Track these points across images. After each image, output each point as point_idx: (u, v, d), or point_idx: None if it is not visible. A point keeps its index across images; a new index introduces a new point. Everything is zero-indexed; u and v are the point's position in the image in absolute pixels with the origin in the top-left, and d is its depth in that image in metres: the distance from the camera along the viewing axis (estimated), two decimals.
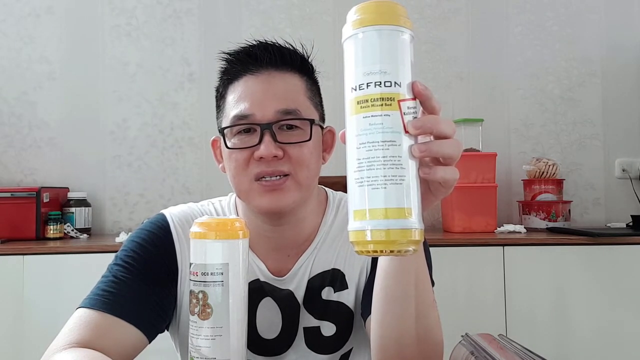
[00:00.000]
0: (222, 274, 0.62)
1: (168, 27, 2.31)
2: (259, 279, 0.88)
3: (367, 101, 0.52)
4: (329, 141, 0.91)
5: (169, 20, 2.31)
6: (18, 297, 1.73)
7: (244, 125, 0.81)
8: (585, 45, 2.33)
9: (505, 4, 2.34)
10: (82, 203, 2.13)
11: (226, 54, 0.86)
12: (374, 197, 0.51)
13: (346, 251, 0.90)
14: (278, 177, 0.80)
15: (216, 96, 0.89)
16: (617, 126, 2.32)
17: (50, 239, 1.96)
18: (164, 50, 2.30)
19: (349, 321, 0.90)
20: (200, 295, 0.62)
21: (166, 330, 0.90)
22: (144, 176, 2.27)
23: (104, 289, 0.79)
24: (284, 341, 0.89)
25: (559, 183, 2.13)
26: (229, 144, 0.82)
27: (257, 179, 0.80)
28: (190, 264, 0.64)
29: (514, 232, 1.94)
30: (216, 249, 0.63)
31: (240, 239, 0.64)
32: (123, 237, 1.87)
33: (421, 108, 0.55)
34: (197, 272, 0.62)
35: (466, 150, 2.03)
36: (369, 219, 0.51)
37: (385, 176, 0.51)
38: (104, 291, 0.79)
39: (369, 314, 0.77)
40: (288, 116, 0.81)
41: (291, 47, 0.86)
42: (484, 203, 1.98)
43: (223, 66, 0.87)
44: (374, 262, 0.83)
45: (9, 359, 1.72)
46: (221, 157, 0.88)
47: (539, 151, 2.31)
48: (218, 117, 0.88)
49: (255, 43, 0.85)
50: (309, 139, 0.81)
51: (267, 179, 0.80)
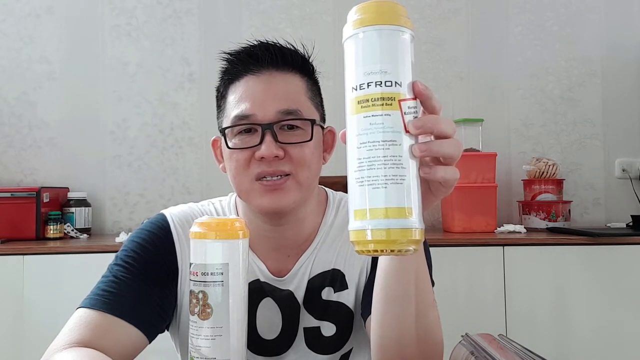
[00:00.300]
0: (222, 274, 0.62)
1: (168, 27, 2.31)
2: (259, 279, 0.88)
3: (367, 101, 0.52)
4: (330, 141, 0.91)
5: (169, 20, 2.31)
6: (18, 297, 1.73)
7: (245, 125, 0.81)
8: (585, 45, 2.33)
9: (505, 4, 2.34)
10: (82, 203, 2.13)
11: (227, 53, 0.86)
12: (374, 196, 0.51)
13: (346, 251, 0.90)
14: (279, 177, 0.80)
15: (217, 96, 0.89)
16: (617, 126, 2.31)
17: (50, 239, 1.96)
18: (164, 50, 2.30)
19: (349, 321, 0.89)
20: (200, 295, 0.62)
21: (166, 331, 0.90)
22: (144, 176, 2.27)
23: (104, 289, 0.79)
24: (284, 341, 0.89)
25: (559, 183, 2.13)
26: (230, 144, 0.82)
27: (257, 179, 0.80)
28: (190, 264, 0.64)
29: (514, 232, 1.94)
30: (216, 249, 0.63)
31: (240, 239, 0.64)
32: (123, 237, 1.87)
33: (421, 108, 0.55)
34: (197, 272, 0.62)
35: (466, 150, 2.03)
36: (369, 218, 0.51)
37: (385, 176, 0.51)
38: (104, 291, 0.79)
39: (369, 314, 0.77)
40: (289, 116, 0.81)
41: (292, 48, 0.86)
42: (484, 203, 1.98)
43: (224, 66, 0.87)
44: (374, 262, 0.83)
45: (9, 359, 1.72)
46: (221, 157, 0.88)
47: (539, 151, 2.31)
48: (219, 117, 0.87)
49: (256, 43, 0.85)
50: (310, 139, 0.81)
51: (268, 179, 0.80)
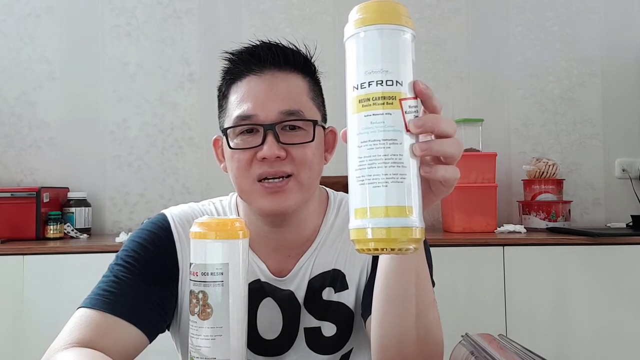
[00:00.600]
0: (222, 274, 0.62)
1: (168, 27, 2.31)
2: (259, 279, 0.88)
3: (368, 100, 0.52)
4: (331, 141, 0.91)
5: (169, 20, 2.31)
6: (18, 297, 1.73)
7: (247, 125, 0.81)
8: (585, 45, 2.33)
9: (505, 4, 2.34)
10: (82, 203, 2.13)
11: (229, 53, 0.85)
12: (375, 195, 0.51)
13: (347, 251, 0.90)
14: (280, 179, 0.80)
15: (218, 96, 0.88)
16: (617, 126, 2.31)
17: (50, 239, 1.96)
18: (164, 50, 2.30)
19: (349, 321, 0.89)
20: (200, 295, 0.62)
21: (167, 330, 0.90)
22: (144, 176, 2.27)
23: (105, 288, 0.79)
24: (284, 341, 0.89)
25: (559, 183, 2.13)
26: (231, 144, 0.82)
27: (259, 180, 0.80)
28: (190, 264, 0.64)
29: (514, 232, 1.94)
30: (216, 249, 0.63)
31: (240, 239, 0.64)
32: (123, 237, 1.86)
33: (422, 107, 0.55)
34: (197, 272, 0.62)
35: (466, 150, 2.03)
36: (369, 217, 0.51)
37: (386, 174, 0.51)
38: (105, 291, 0.79)
39: (369, 314, 0.77)
40: (291, 117, 0.81)
41: (294, 48, 0.86)
42: (484, 203, 1.98)
43: (226, 66, 0.86)
44: (375, 262, 0.83)
45: (9, 359, 1.72)
46: (223, 156, 0.88)
47: (539, 151, 2.31)
48: (220, 117, 0.87)
49: (259, 43, 0.85)
50: (312, 140, 0.81)
51: (270, 180, 0.80)
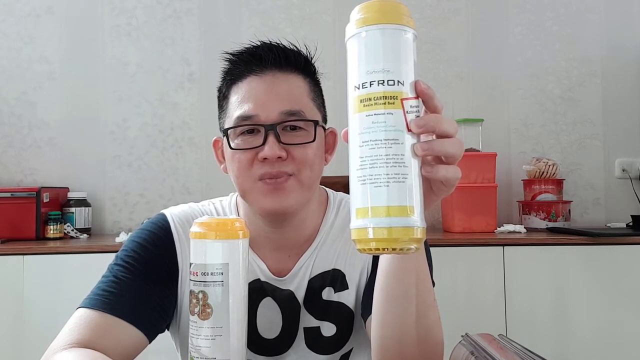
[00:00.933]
0: (222, 274, 0.62)
1: (168, 27, 2.30)
2: (259, 278, 0.88)
3: (370, 99, 0.52)
4: (331, 142, 0.91)
5: (169, 20, 2.31)
6: (18, 297, 1.73)
7: (248, 126, 0.81)
8: (585, 45, 2.33)
9: (505, 4, 2.34)
10: (82, 203, 2.12)
11: (229, 54, 0.85)
12: (376, 195, 0.51)
13: (347, 251, 0.90)
14: (281, 177, 0.80)
15: (218, 96, 0.88)
16: (617, 126, 2.31)
17: (50, 239, 1.95)
18: (164, 50, 2.30)
19: (349, 321, 0.89)
20: (200, 295, 0.62)
21: (166, 330, 0.90)
22: (144, 176, 2.27)
23: (105, 289, 0.79)
24: (284, 341, 0.89)
25: (559, 183, 2.13)
26: (232, 145, 0.82)
27: (260, 180, 0.80)
28: (190, 264, 0.64)
29: (514, 232, 1.94)
30: (216, 249, 0.63)
31: (240, 239, 0.64)
32: (123, 237, 1.86)
33: (423, 107, 0.55)
34: (197, 272, 0.62)
35: (466, 150, 2.01)
36: (371, 216, 0.51)
37: (387, 174, 0.51)
38: (105, 291, 0.79)
39: (369, 314, 0.77)
40: (292, 117, 0.81)
41: (295, 49, 0.86)
42: (484, 203, 1.98)
43: (226, 66, 0.86)
44: (375, 262, 0.83)
45: (9, 359, 1.72)
46: (223, 157, 0.88)
47: (539, 151, 2.31)
48: (220, 117, 0.87)
49: (259, 44, 0.85)
50: (313, 140, 0.81)
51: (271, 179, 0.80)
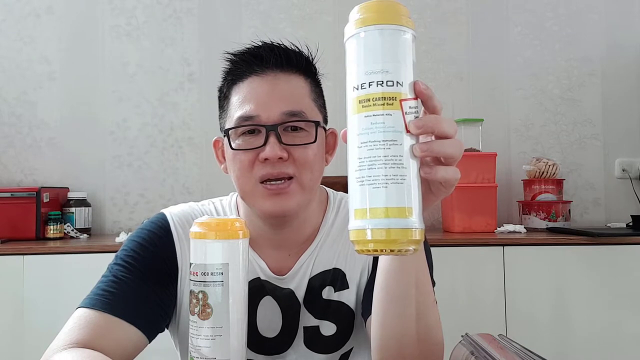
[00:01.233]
0: (222, 274, 0.62)
1: (168, 27, 2.30)
2: (259, 277, 0.88)
3: (368, 100, 0.52)
4: (332, 143, 0.91)
5: (169, 20, 2.31)
6: (18, 297, 1.73)
7: (249, 126, 0.81)
8: (585, 45, 2.33)
9: (505, 4, 2.34)
10: (82, 203, 2.12)
11: (231, 54, 0.85)
12: (374, 196, 0.51)
13: (347, 251, 0.90)
14: (282, 181, 0.80)
15: (219, 96, 0.88)
16: (617, 126, 2.31)
17: (50, 239, 1.95)
18: (164, 50, 2.30)
19: (349, 321, 0.89)
20: (200, 295, 0.62)
21: (166, 329, 0.90)
22: (144, 176, 2.27)
23: (104, 288, 0.79)
24: (284, 340, 0.89)
25: (559, 183, 2.13)
26: (233, 145, 0.81)
27: (261, 182, 0.80)
28: (190, 264, 0.64)
29: (514, 232, 1.94)
30: (216, 249, 0.63)
31: (240, 239, 0.64)
32: (123, 237, 1.86)
33: (422, 108, 0.55)
34: (197, 272, 0.62)
35: (466, 150, 2.03)
36: (369, 218, 0.51)
37: (386, 175, 0.51)
38: (104, 291, 0.79)
39: (370, 314, 0.77)
40: (293, 118, 0.81)
41: (297, 49, 0.85)
42: (484, 203, 1.98)
43: (227, 66, 0.86)
44: (375, 262, 0.82)
45: (9, 359, 1.72)
46: (223, 157, 0.88)
47: (539, 151, 2.31)
48: (221, 117, 0.87)
49: (261, 44, 0.85)
50: (314, 141, 0.81)
51: (272, 183, 0.80)
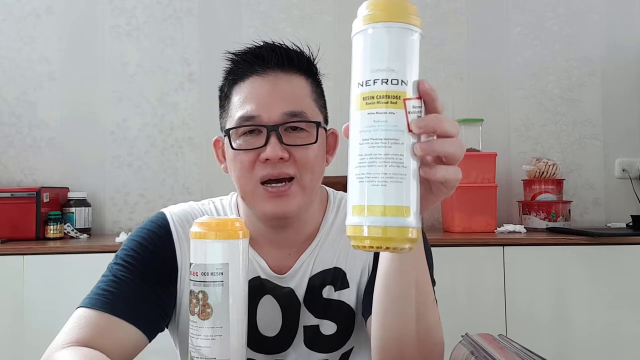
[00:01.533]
0: (222, 274, 0.62)
1: (168, 27, 2.30)
2: (259, 276, 0.88)
3: (372, 98, 0.52)
4: (332, 143, 0.91)
5: (169, 20, 2.31)
6: (18, 297, 1.73)
7: (250, 126, 0.81)
8: (585, 45, 2.33)
9: (505, 4, 2.34)
10: (82, 203, 2.12)
11: (232, 54, 0.85)
12: (373, 193, 0.51)
13: (347, 250, 0.89)
14: (283, 183, 0.80)
15: (220, 96, 0.88)
16: (617, 126, 2.31)
17: (50, 239, 1.95)
18: (164, 50, 2.30)
19: (350, 320, 0.89)
20: (200, 295, 0.62)
21: (166, 329, 0.90)
22: (144, 176, 2.27)
23: (104, 288, 0.79)
24: (284, 339, 0.88)
25: (559, 183, 2.13)
26: (234, 145, 0.81)
27: (262, 183, 0.80)
28: (190, 264, 0.63)
29: (514, 232, 1.94)
30: (216, 249, 0.63)
31: (240, 239, 0.64)
32: (123, 237, 1.86)
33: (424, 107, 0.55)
34: (197, 272, 0.62)
35: (466, 150, 2.02)
36: (367, 215, 0.51)
37: (385, 174, 0.51)
38: (104, 291, 0.79)
39: (370, 314, 0.77)
40: (294, 118, 0.80)
41: (298, 49, 0.85)
42: (484, 203, 1.98)
43: (228, 66, 0.86)
44: (376, 261, 0.82)
45: (9, 359, 1.72)
46: (223, 157, 0.88)
47: (539, 151, 2.31)
48: (222, 117, 0.87)
49: (262, 44, 0.84)
50: (315, 142, 0.81)
51: (273, 185, 0.80)
